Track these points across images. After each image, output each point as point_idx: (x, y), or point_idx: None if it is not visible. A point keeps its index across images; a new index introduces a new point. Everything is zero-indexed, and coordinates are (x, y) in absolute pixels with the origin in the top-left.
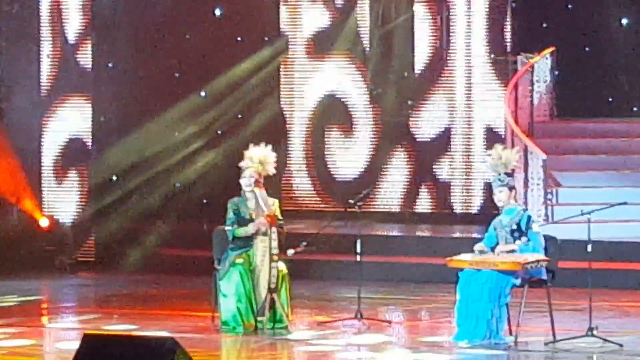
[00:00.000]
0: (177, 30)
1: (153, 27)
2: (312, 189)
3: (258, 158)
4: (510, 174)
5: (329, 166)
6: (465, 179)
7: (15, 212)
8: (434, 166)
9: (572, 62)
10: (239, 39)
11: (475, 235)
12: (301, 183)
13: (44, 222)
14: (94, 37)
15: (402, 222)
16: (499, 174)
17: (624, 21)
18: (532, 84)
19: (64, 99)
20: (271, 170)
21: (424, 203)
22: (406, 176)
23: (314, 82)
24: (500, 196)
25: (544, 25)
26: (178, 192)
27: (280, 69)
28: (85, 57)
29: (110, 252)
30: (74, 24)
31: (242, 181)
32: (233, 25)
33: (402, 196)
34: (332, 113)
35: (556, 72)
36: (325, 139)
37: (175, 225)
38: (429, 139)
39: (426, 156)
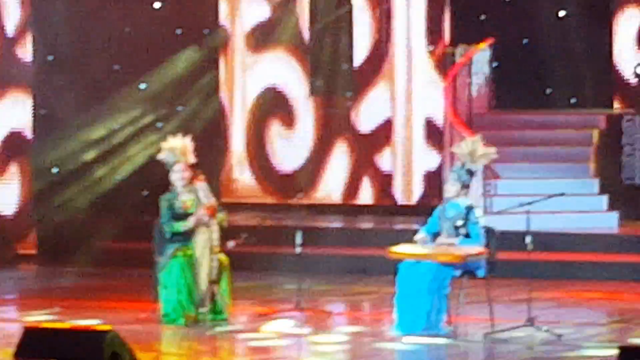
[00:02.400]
0: (117, 22)
1: (92, 20)
2: (253, 181)
3: (179, 149)
4: (470, 172)
5: (269, 159)
6: (405, 170)
7: None
8: (374, 158)
9: (510, 54)
10: (178, 31)
11: (415, 226)
12: (241, 176)
13: None
14: (34, 31)
15: (343, 214)
16: (461, 166)
17: (562, 13)
18: (470, 75)
19: (2, 92)
20: (191, 159)
21: (365, 194)
22: (347, 168)
23: (254, 75)
24: (451, 189)
25: (483, 16)
26: (118, 185)
27: (220, 62)
28: (25, 51)
29: (52, 245)
30: (13, 17)
31: (174, 176)
32: (172, 18)
33: (344, 188)
34: (273, 106)
35: (494, 64)
36: (266, 132)
37: (116, 217)
38: (369, 131)
39: (367, 148)
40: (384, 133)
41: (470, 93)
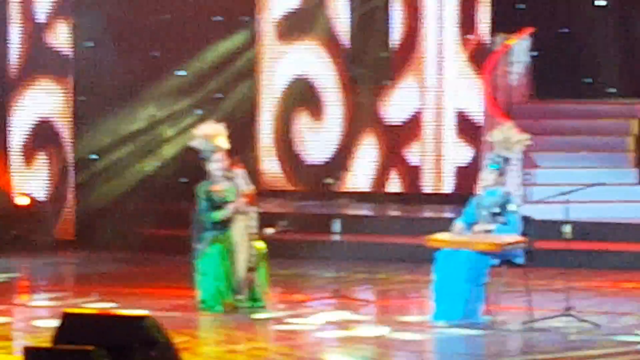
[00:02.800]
0: (155, 10)
1: (131, 7)
2: (283, 170)
3: (213, 136)
4: (506, 159)
5: (297, 149)
6: (435, 164)
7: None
8: (404, 149)
9: (550, 43)
10: (217, 18)
11: (450, 215)
12: (273, 164)
13: (21, 201)
14: (73, 17)
15: (377, 202)
16: (497, 155)
17: (601, 2)
18: (509, 65)
19: (32, 80)
20: (225, 145)
21: (395, 184)
22: (379, 158)
23: (284, 65)
24: (488, 177)
25: (521, 5)
26: (156, 172)
27: (257, 51)
28: (55, 38)
29: (90, 230)
30: (45, 4)
31: (213, 165)
32: (211, 5)
33: (375, 177)
34: (302, 96)
35: (533, 53)
36: (295, 122)
37: (154, 204)
38: (400, 122)
39: (398, 138)
40: (414, 124)
41: (509, 82)
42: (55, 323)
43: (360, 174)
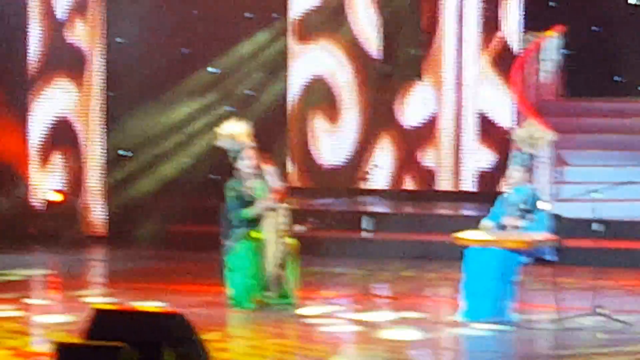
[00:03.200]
0: (186, 5)
1: (161, 3)
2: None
3: (239, 135)
4: (531, 156)
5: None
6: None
7: (23, 186)
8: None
9: (579, 41)
10: (247, 15)
11: (476, 213)
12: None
13: (52, 196)
14: (104, 13)
15: (410, 200)
16: (522, 152)
17: (634, 0)
18: (539, 62)
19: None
20: (250, 142)
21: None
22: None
23: (309, 64)
24: (514, 174)
25: (553, 3)
26: (187, 168)
27: (287, 48)
28: (74, 35)
29: (121, 227)
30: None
31: (242, 163)
32: (241, 1)
33: (408, 174)
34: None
35: (564, 51)
36: (315, 122)
37: (184, 200)
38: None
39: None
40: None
41: (539, 80)
42: (85, 319)
43: (386, 171)
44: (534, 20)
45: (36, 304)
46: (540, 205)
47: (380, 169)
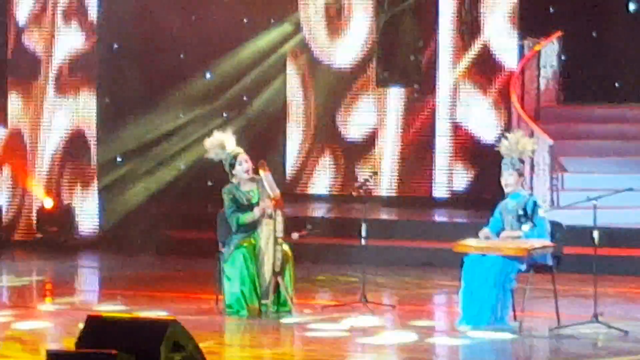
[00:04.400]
0: (183, 11)
1: (158, 8)
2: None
3: (219, 145)
4: (522, 161)
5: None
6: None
7: (19, 193)
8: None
9: (579, 47)
10: (244, 20)
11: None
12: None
13: (47, 203)
14: (99, 19)
15: (404, 207)
16: (511, 158)
17: (631, 6)
18: (538, 69)
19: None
20: (235, 148)
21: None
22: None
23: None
24: (509, 180)
25: (552, 9)
26: (183, 174)
27: (287, 52)
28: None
29: (115, 233)
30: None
31: (240, 168)
32: (239, 7)
33: (406, 181)
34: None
35: (563, 57)
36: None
37: (180, 207)
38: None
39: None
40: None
41: (539, 86)
42: (79, 327)
43: (385, 178)
44: (533, 27)
45: (28, 312)
46: (539, 211)
47: (375, 178)
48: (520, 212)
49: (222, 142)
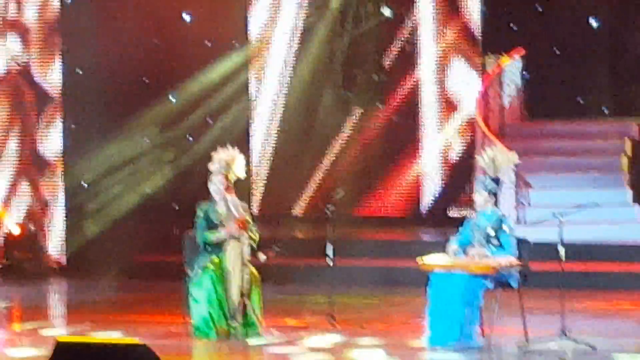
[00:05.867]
0: (146, 35)
1: (121, 32)
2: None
3: (225, 161)
4: (496, 180)
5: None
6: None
7: None
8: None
9: (542, 64)
10: (207, 43)
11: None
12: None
13: (14, 229)
14: (63, 43)
15: (372, 226)
16: (485, 176)
17: (594, 22)
18: (502, 86)
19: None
20: (240, 173)
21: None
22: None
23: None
24: (478, 199)
25: (513, 27)
26: (149, 198)
27: (250, 74)
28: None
29: (82, 258)
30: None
31: (210, 187)
32: (201, 30)
33: (373, 200)
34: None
35: (526, 74)
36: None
37: (146, 230)
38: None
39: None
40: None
41: (502, 103)
42: (47, 352)
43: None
44: (496, 44)
45: None
46: (505, 229)
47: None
48: (490, 232)
49: (222, 159)
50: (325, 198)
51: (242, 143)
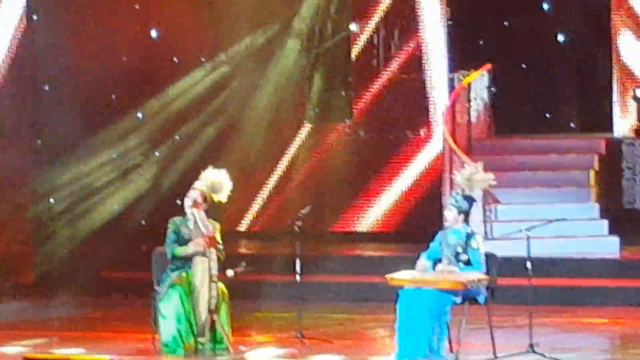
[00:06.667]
0: (113, 51)
1: (89, 49)
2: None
3: (211, 181)
4: (469, 198)
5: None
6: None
7: None
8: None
9: (509, 79)
10: (175, 59)
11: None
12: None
13: None
14: (30, 60)
15: (342, 242)
16: (457, 193)
17: (560, 37)
18: (469, 101)
19: None
20: (222, 197)
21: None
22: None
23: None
24: (448, 215)
25: (480, 42)
26: (117, 214)
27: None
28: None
29: (49, 274)
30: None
31: (185, 201)
32: (169, 46)
33: (341, 216)
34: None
35: (493, 89)
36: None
37: (114, 247)
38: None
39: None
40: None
41: (470, 119)
42: None
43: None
44: (463, 59)
45: None
46: (473, 244)
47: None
48: (459, 250)
49: (206, 178)
50: (292, 214)
51: (211, 159)
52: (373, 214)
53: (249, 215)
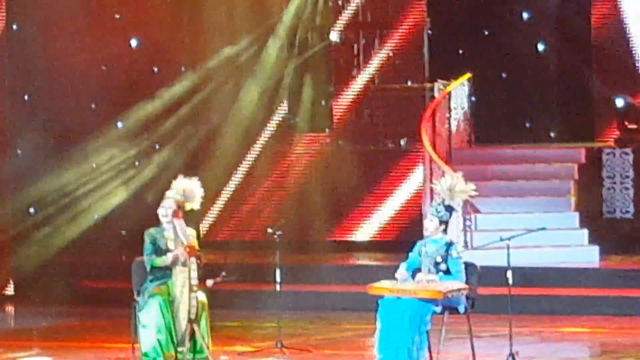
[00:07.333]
0: (93, 60)
1: (69, 58)
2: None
3: (182, 189)
4: (449, 208)
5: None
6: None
7: None
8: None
9: (489, 89)
10: (155, 69)
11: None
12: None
13: None
14: (10, 69)
15: (321, 251)
16: (440, 202)
17: (540, 47)
18: (449, 110)
19: None
20: (195, 204)
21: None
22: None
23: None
24: (429, 225)
25: (460, 51)
26: (96, 224)
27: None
28: None
29: (28, 285)
30: None
31: (159, 211)
32: (149, 56)
33: (320, 225)
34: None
35: (473, 99)
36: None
37: (94, 257)
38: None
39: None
40: None
41: (450, 128)
42: None
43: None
44: (443, 69)
45: None
46: (453, 254)
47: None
48: (439, 260)
49: (179, 187)
50: (270, 224)
51: (190, 168)
52: (354, 223)
53: (230, 225)
